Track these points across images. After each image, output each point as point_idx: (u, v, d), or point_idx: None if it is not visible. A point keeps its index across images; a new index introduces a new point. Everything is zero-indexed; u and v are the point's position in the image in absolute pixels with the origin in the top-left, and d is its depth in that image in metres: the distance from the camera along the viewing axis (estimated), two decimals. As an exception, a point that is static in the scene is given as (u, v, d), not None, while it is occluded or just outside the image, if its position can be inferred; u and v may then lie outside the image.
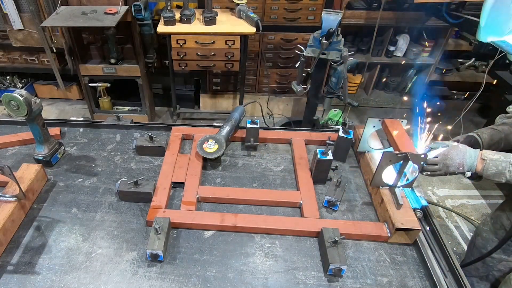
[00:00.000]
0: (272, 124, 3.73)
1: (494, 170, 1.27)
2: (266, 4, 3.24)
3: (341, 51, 2.38)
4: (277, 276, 1.12)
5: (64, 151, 1.58)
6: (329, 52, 2.40)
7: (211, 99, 3.94)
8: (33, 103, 1.30)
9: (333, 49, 2.38)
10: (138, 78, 3.36)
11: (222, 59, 3.03)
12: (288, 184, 1.48)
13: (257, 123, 1.57)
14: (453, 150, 1.31)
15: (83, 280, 1.09)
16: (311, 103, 3.10)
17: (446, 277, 1.11)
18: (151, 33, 3.19)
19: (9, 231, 1.19)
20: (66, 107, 4.06)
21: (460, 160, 1.30)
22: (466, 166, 1.31)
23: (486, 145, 1.49)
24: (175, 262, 1.16)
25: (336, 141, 1.55)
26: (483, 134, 1.50)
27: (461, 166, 1.31)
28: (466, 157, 1.31)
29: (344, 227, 1.23)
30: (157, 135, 1.61)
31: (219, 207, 1.37)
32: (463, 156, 1.31)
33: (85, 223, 1.27)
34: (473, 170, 1.31)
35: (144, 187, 1.34)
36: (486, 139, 1.49)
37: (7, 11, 3.18)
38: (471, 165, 1.30)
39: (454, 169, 1.31)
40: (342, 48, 2.38)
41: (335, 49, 2.38)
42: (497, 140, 1.50)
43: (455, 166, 1.31)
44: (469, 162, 1.31)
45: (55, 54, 3.36)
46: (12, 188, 1.25)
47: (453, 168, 1.31)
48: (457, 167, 1.31)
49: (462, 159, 1.30)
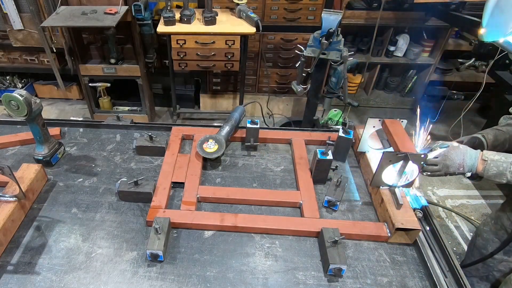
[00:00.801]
0: (272, 124, 3.73)
1: (495, 171, 1.27)
2: (266, 4, 3.24)
3: (341, 51, 2.38)
4: (277, 276, 1.12)
5: (64, 151, 1.58)
6: (329, 52, 2.40)
7: (211, 99, 3.95)
8: (33, 103, 1.30)
9: (333, 49, 2.38)
10: (138, 78, 3.36)
11: (222, 59, 3.03)
12: (288, 184, 1.48)
13: (257, 123, 1.57)
14: (453, 151, 1.31)
15: (83, 280, 1.09)
16: (311, 103, 3.10)
17: (446, 277, 1.12)
18: (151, 33, 3.19)
19: (9, 231, 1.19)
20: (66, 107, 4.06)
21: (460, 161, 1.30)
22: (466, 166, 1.30)
23: (491, 146, 1.49)
24: (175, 262, 1.16)
25: (336, 141, 1.55)
26: (488, 135, 1.50)
27: (461, 167, 1.30)
28: (467, 158, 1.30)
29: (344, 227, 1.23)
30: (157, 135, 1.61)
31: (219, 207, 1.37)
32: (463, 156, 1.30)
33: (85, 223, 1.27)
34: (473, 171, 1.30)
35: (144, 187, 1.34)
36: (491, 140, 1.49)
37: (7, 11, 3.18)
38: (471, 166, 1.30)
39: (454, 169, 1.31)
40: (342, 48, 2.38)
41: (335, 49, 2.38)
42: (502, 141, 1.50)
43: (455, 167, 1.31)
44: (469, 162, 1.30)
45: (55, 54, 3.36)
46: (12, 188, 1.25)
47: (453, 169, 1.31)
48: (457, 168, 1.31)
49: (462, 159, 1.30)
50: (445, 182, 3.15)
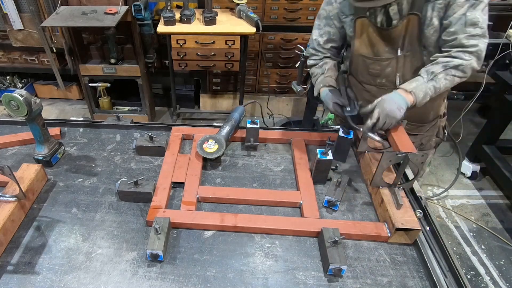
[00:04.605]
0: (272, 124, 3.73)
1: (422, 94, 1.37)
2: (266, 4, 3.24)
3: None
4: (277, 276, 1.12)
5: (64, 151, 1.58)
6: (329, 52, 2.39)
7: (211, 99, 3.95)
8: (33, 103, 1.30)
9: (333, 49, 2.38)
10: (138, 78, 3.36)
11: (222, 59, 3.03)
12: (288, 184, 1.48)
13: (257, 123, 1.57)
14: (383, 103, 1.35)
15: (83, 280, 1.09)
16: (311, 103, 3.11)
17: (446, 277, 1.11)
18: (151, 33, 3.19)
19: (9, 231, 1.19)
20: (66, 107, 4.06)
21: (395, 105, 1.34)
22: (403, 106, 1.36)
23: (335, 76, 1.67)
24: (175, 262, 1.16)
25: (336, 141, 1.55)
26: (332, 75, 1.65)
27: (401, 109, 1.35)
28: (397, 100, 1.35)
29: (344, 227, 1.23)
30: (157, 135, 1.61)
31: (219, 207, 1.37)
32: (394, 101, 1.35)
33: (85, 223, 1.27)
34: (409, 105, 1.37)
35: (144, 187, 1.34)
36: (335, 74, 1.68)
37: (7, 11, 3.18)
38: (405, 103, 1.36)
39: (399, 115, 1.35)
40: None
41: (335, 49, 2.38)
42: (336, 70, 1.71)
43: (397, 113, 1.34)
44: (402, 102, 1.36)
45: (55, 54, 3.36)
46: (12, 188, 1.25)
47: (398, 114, 1.35)
48: (399, 112, 1.35)
49: (395, 103, 1.35)
50: (445, 182, 3.15)
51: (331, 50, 1.71)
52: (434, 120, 1.77)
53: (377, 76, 1.61)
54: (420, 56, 1.48)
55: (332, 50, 1.71)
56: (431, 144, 1.87)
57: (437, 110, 1.74)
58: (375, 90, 1.66)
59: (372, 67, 1.60)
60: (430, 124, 1.77)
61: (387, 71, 1.57)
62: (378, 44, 1.52)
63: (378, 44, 1.52)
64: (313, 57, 1.76)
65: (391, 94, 1.39)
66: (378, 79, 1.62)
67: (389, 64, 1.55)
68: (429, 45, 1.45)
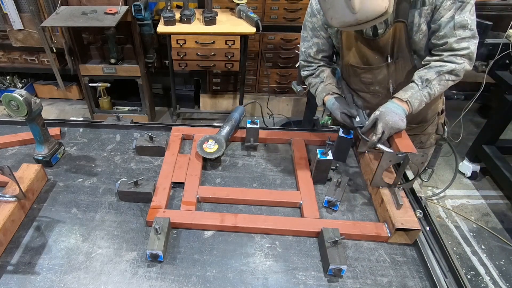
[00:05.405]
0: (272, 124, 3.73)
1: (417, 102, 1.38)
2: (266, 4, 3.24)
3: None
4: (277, 276, 1.12)
5: (64, 151, 1.58)
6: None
7: (211, 99, 3.95)
8: (33, 103, 1.30)
9: (333, 49, 2.38)
10: (138, 78, 3.36)
11: (222, 59, 3.03)
12: (288, 184, 1.48)
13: (257, 123, 1.57)
14: (384, 117, 1.35)
15: (83, 280, 1.09)
16: (311, 103, 3.11)
17: (446, 277, 1.11)
18: (151, 33, 3.19)
19: (9, 231, 1.19)
20: (66, 107, 4.06)
21: (398, 117, 1.35)
22: (403, 116, 1.37)
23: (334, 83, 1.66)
24: (175, 262, 1.16)
25: (336, 141, 1.55)
26: (332, 83, 1.65)
27: (403, 119, 1.36)
28: (395, 111, 1.36)
29: (344, 227, 1.23)
30: (157, 135, 1.61)
31: (219, 207, 1.36)
32: (394, 113, 1.36)
33: (85, 223, 1.27)
34: (407, 114, 1.38)
35: (144, 187, 1.34)
36: (334, 81, 1.67)
37: (7, 11, 3.19)
38: (404, 112, 1.37)
39: (403, 125, 1.36)
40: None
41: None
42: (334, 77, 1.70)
43: (400, 124, 1.35)
44: (401, 112, 1.36)
45: (55, 54, 3.36)
46: (12, 188, 1.25)
47: (402, 125, 1.36)
48: (402, 123, 1.36)
49: (397, 114, 1.35)
50: (445, 182, 3.15)
51: (323, 60, 1.70)
52: (432, 118, 1.77)
53: (369, 84, 1.61)
54: (411, 61, 1.47)
55: (324, 59, 1.70)
56: (431, 142, 1.87)
57: (435, 109, 1.74)
58: (369, 97, 1.65)
59: (363, 76, 1.59)
60: (428, 123, 1.78)
61: (379, 78, 1.56)
62: (367, 53, 1.51)
63: (367, 54, 1.51)
64: (306, 68, 1.73)
65: (388, 104, 1.39)
66: (372, 87, 1.61)
67: (381, 72, 1.54)
68: (419, 49, 1.44)
